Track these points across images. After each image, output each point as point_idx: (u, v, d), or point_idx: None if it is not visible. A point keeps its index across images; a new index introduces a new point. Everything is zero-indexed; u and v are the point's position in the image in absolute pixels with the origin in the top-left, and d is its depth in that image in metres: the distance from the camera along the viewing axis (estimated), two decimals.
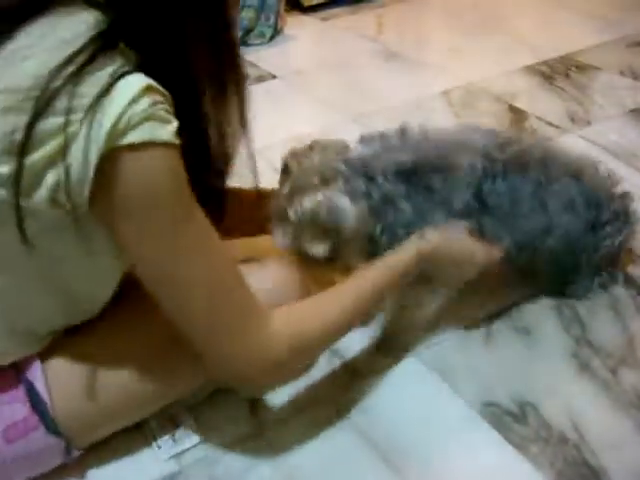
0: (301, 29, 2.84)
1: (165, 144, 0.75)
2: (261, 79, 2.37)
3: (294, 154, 1.21)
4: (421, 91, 2.21)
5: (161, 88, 0.76)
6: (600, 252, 1.32)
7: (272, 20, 2.70)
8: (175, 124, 0.76)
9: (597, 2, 3.01)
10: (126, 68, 0.75)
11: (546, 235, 1.25)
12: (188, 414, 1.15)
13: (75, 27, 0.76)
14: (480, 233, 1.18)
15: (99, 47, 0.75)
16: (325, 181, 1.13)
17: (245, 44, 2.67)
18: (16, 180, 0.75)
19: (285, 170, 1.20)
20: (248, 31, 2.67)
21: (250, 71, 2.45)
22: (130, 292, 0.93)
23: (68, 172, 0.74)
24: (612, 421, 1.15)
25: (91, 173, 0.74)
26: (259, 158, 0.99)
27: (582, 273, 1.35)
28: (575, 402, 1.18)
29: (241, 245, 1.17)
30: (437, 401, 1.20)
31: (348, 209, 1.11)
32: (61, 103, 0.73)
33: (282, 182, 1.19)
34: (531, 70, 2.38)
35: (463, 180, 1.17)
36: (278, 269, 1.12)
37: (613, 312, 1.36)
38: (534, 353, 1.28)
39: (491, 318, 1.35)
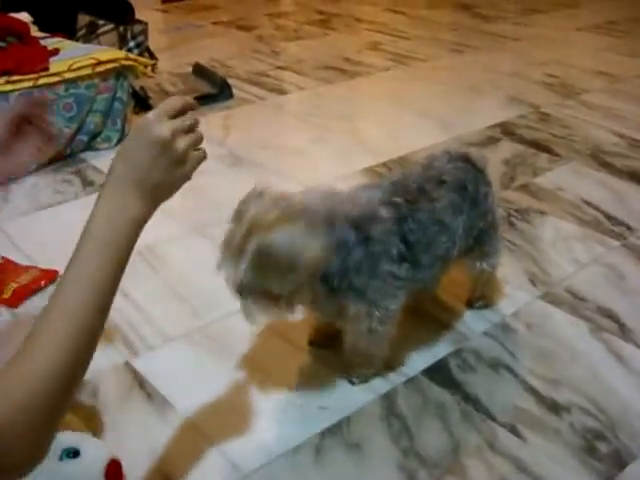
0: None
1: None
2: None
3: (246, 200, 1.26)
4: None
5: None
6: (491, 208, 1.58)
7: (119, 124, 2.70)
8: None
9: (434, 104, 3.21)
10: None
11: (452, 245, 1.46)
12: None
13: None
14: (418, 266, 1.40)
15: None
16: (284, 219, 1.19)
17: (92, 149, 2.66)
18: None
19: (238, 214, 1.25)
20: (95, 135, 2.66)
21: (95, 177, 2.43)
22: None
23: None
24: None
25: None
26: None
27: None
28: None
29: None
30: None
31: (311, 245, 1.19)
32: None
33: (236, 223, 1.24)
34: (370, 172, 2.48)
35: (392, 230, 1.35)
36: None
37: (439, 420, 1.40)
38: (363, 468, 1.30)
39: (323, 434, 1.36)
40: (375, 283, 1.35)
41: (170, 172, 0.93)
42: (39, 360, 0.79)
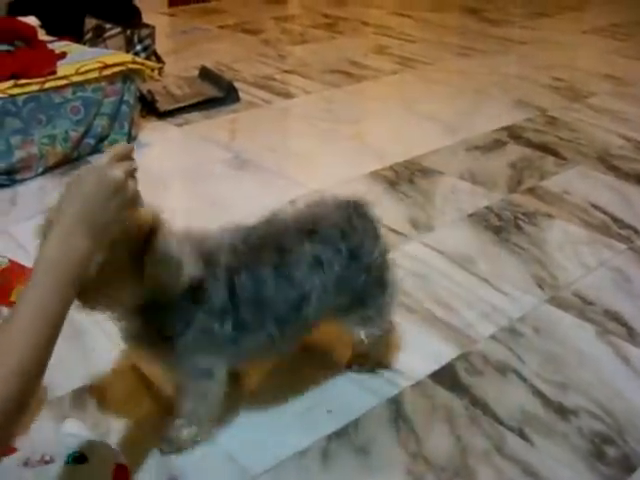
0: (156, 136, 2.86)
1: None
2: None
3: None
4: (269, 201, 2.24)
5: None
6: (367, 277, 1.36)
7: (126, 128, 2.71)
8: None
9: (440, 107, 3.21)
10: None
11: (304, 303, 1.27)
12: None
13: None
14: (243, 327, 1.23)
15: None
16: None
17: (99, 152, 2.66)
18: None
19: None
20: (102, 139, 2.67)
21: None
22: None
23: None
24: None
25: None
26: None
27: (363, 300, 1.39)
28: None
29: None
30: None
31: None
32: None
33: None
34: (377, 175, 2.48)
35: (220, 279, 1.21)
36: None
37: (447, 423, 1.40)
38: (370, 472, 1.30)
39: (330, 438, 1.36)
40: (187, 334, 1.21)
41: (120, 212, 0.96)
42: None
